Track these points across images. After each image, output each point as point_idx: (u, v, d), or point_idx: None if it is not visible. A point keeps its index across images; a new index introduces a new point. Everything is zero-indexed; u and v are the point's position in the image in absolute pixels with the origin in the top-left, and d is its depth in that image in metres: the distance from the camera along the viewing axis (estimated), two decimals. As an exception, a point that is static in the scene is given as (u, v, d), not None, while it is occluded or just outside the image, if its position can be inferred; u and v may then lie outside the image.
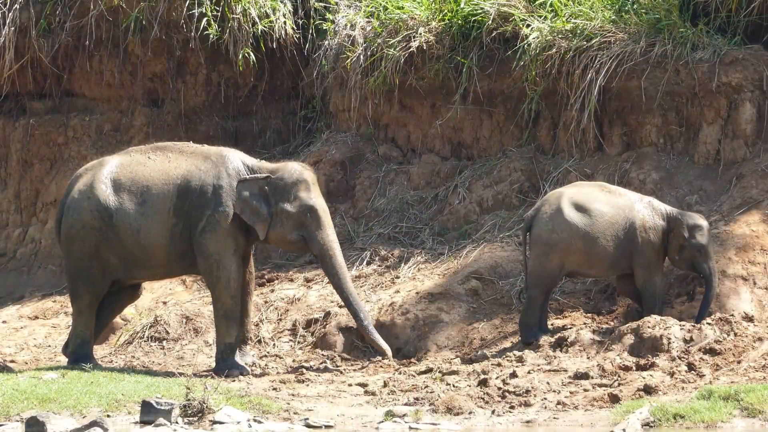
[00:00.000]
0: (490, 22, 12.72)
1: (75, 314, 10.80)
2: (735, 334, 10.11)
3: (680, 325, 10.21)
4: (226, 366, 10.41)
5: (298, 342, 11.49)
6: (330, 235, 10.60)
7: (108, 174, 10.57)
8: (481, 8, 12.80)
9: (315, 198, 10.59)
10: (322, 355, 11.14)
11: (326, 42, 13.91)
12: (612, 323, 10.92)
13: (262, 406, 9.22)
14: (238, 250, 10.50)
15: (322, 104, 14.17)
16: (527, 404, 9.33)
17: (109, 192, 10.52)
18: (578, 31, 12.40)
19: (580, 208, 10.65)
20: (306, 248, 10.77)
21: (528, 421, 9.00)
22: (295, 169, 10.63)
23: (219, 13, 13.59)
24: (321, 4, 14.13)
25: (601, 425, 8.79)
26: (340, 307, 11.57)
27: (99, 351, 11.51)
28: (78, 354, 10.65)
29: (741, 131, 12.05)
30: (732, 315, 10.40)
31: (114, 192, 10.52)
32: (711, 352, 9.94)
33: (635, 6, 12.47)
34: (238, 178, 10.47)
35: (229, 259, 10.43)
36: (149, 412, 8.71)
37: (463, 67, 12.92)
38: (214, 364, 10.62)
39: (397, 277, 12.01)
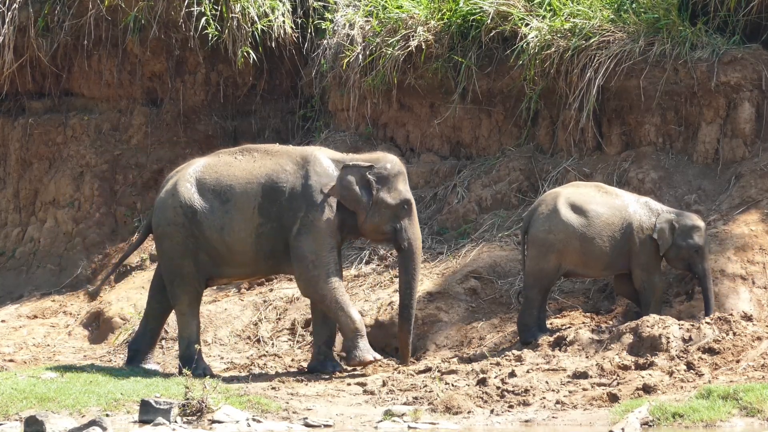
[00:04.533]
0: (488, 21, 12.72)
1: (177, 317, 10.70)
2: (734, 334, 10.10)
3: (679, 325, 10.21)
4: (361, 352, 10.38)
5: (297, 341, 11.48)
6: (418, 231, 10.67)
7: (192, 173, 10.59)
8: (480, 7, 12.80)
9: (409, 192, 10.65)
10: (321, 354, 11.14)
11: (325, 41, 13.91)
12: (611, 322, 10.92)
13: (261, 406, 9.21)
14: (335, 248, 10.45)
15: (321, 103, 14.16)
16: (526, 403, 9.32)
17: (192, 190, 10.51)
18: (577, 31, 12.39)
19: (576, 208, 10.64)
20: (391, 240, 10.73)
21: (527, 421, 8.99)
22: (395, 160, 10.66)
23: (218, 13, 13.59)
24: (320, 3, 14.12)
25: (600, 424, 8.78)
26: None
27: (98, 350, 11.51)
28: (185, 356, 10.49)
29: (740, 130, 12.05)
30: (731, 314, 10.39)
31: (197, 190, 10.51)
32: (710, 351, 9.93)
33: (634, 5, 12.47)
34: (328, 175, 10.44)
35: (327, 257, 10.36)
36: (148, 411, 8.71)
37: (461, 67, 12.92)
38: (345, 354, 10.56)
39: (396, 277, 11.99)
